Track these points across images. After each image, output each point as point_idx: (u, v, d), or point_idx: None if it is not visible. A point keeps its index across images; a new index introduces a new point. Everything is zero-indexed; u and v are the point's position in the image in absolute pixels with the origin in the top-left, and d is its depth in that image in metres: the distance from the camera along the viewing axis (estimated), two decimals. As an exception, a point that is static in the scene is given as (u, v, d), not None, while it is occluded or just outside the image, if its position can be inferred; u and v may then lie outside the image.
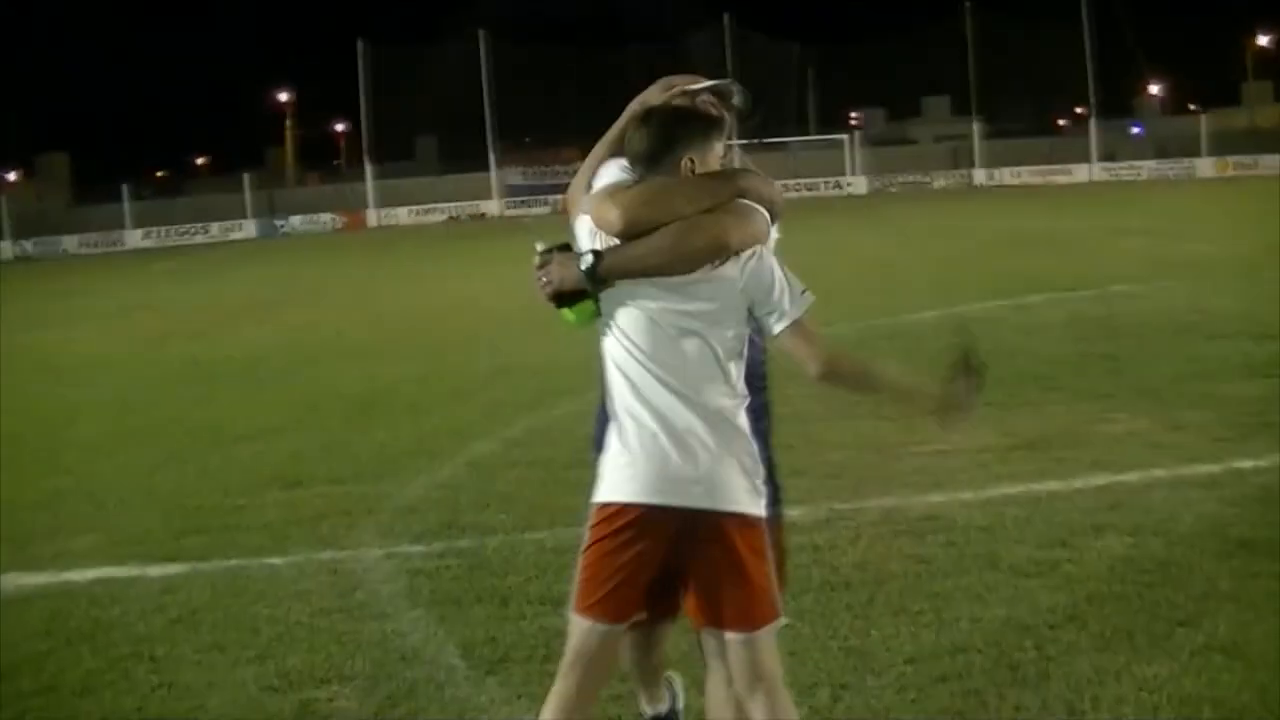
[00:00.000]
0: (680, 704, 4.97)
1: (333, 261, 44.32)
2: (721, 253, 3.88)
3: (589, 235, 4.04)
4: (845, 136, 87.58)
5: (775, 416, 4.75)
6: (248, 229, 76.92)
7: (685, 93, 4.31)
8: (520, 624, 6.48)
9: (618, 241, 3.92)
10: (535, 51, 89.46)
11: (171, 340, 21.43)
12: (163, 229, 75.42)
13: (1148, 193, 58.81)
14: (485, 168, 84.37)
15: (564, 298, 4.02)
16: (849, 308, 18.58)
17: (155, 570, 7.84)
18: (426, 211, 79.26)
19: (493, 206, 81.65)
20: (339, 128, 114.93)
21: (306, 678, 6.01)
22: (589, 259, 3.92)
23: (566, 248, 4.08)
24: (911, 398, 4.36)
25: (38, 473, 11.29)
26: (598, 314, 4.03)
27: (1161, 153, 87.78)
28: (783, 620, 4.05)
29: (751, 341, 4.06)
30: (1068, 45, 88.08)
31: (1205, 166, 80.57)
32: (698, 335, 3.91)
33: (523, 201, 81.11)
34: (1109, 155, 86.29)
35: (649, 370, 3.92)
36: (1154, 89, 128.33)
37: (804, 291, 3.98)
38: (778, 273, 3.98)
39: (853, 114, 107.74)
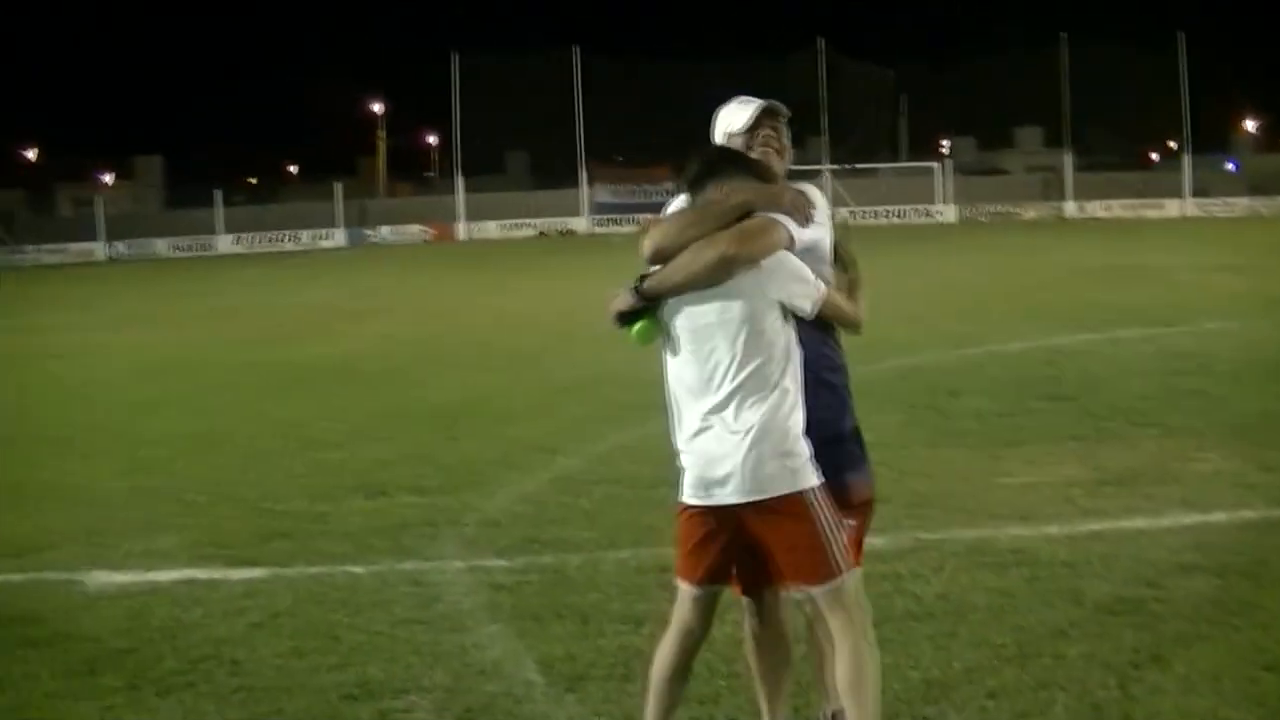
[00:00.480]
0: None
1: (421, 272, 44.61)
2: (730, 264, 4.51)
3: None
4: (936, 164, 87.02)
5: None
6: (337, 238, 77.62)
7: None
8: (600, 642, 6.47)
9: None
10: (628, 67, 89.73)
11: (259, 345, 21.66)
12: (253, 235, 76.32)
13: (1240, 229, 58.03)
14: (575, 184, 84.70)
15: (625, 317, 4.76)
16: (939, 336, 18.53)
17: (237, 574, 7.91)
18: (516, 226, 79.67)
19: (581, 223, 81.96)
20: (430, 139, 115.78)
21: (385, 688, 6.03)
22: (633, 284, 4.69)
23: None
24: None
25: (124, 469, 11.46)
26: (657, 333, 4.77)
27: (1255, 189, 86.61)
28: (848, 576, 4.62)
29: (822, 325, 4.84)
30: (1161, 77, 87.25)
31: (1301, 204, 79.41)
32: (728, 339, 4.57)
33: (611, 219, 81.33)
34: (1201, 190, 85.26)
35: (687, 378, 4.70)
36: (1249, 124, 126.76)
37: (814, 282, 4.63)
38: (794, 272, 4.60)
39: (944, 142, 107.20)
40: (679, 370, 4.74)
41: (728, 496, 4.58)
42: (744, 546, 4.68)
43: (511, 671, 6.17)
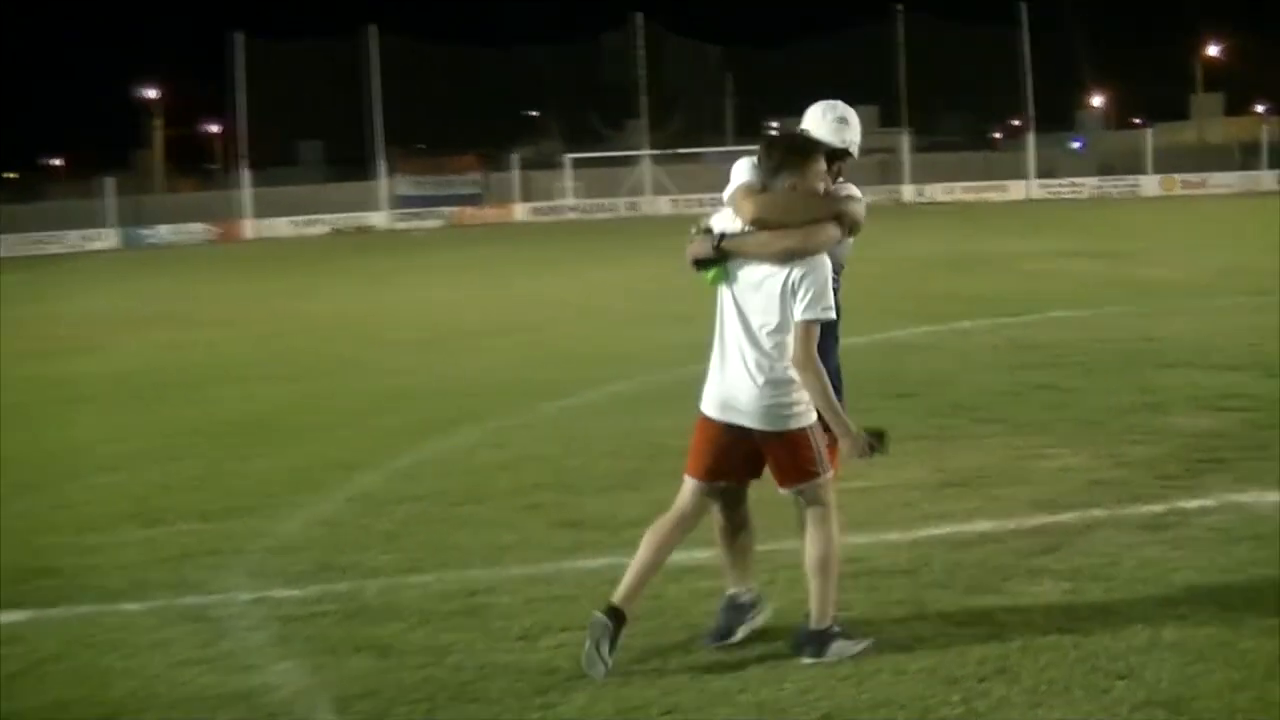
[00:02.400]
0: (758, 615, 6.82)
1: (206, 275, 43.92)
2: (795, 256, 6.14)
3: (730, 219, 6.36)
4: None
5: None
6: (109, 239, 75.94)
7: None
8: (401, 676, 6.40)
9: (742, 227, 6.26)
10: (431, 50, 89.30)
11: (25, 359, 21.10)
12: (12, 237, 73.84)
13: (1089, 212, 59.65)
14: (373, 175, 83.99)
15: (700, 264, 6.30)
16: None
17: (-4, 617, 7.67)
18: (309, 223, 78.69)
19: (381, 218, 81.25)
20: (213, 129, 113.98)
21: (163, 737, 5.89)
22: (715, 238, 6.27)
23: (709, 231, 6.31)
24: (835, 423, 6.27)
25: None
26: (724, 277, 6.32)
27: (1104, 169, 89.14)
28: (821, 478, 6.40)
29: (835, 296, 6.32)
30: (1004, 53, 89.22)
31: (1150, 184, 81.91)
32: (769, 308, 6.21)
33: (414, 214, 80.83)
34: (1047, 171, 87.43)
35: (732, 320, 6.37)
36: (1096, 101, 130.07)
37: (825, 308, 6.17)
38: (816, 284, 6.14)
39: (773, 123, 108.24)
40: (728, 311, 6.39)
41: (744, 420, 6.33)
42: (745, 455, 6.43)
43: (304, 713, 6.07)
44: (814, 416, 6.30)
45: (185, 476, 11.35)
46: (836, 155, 6.61)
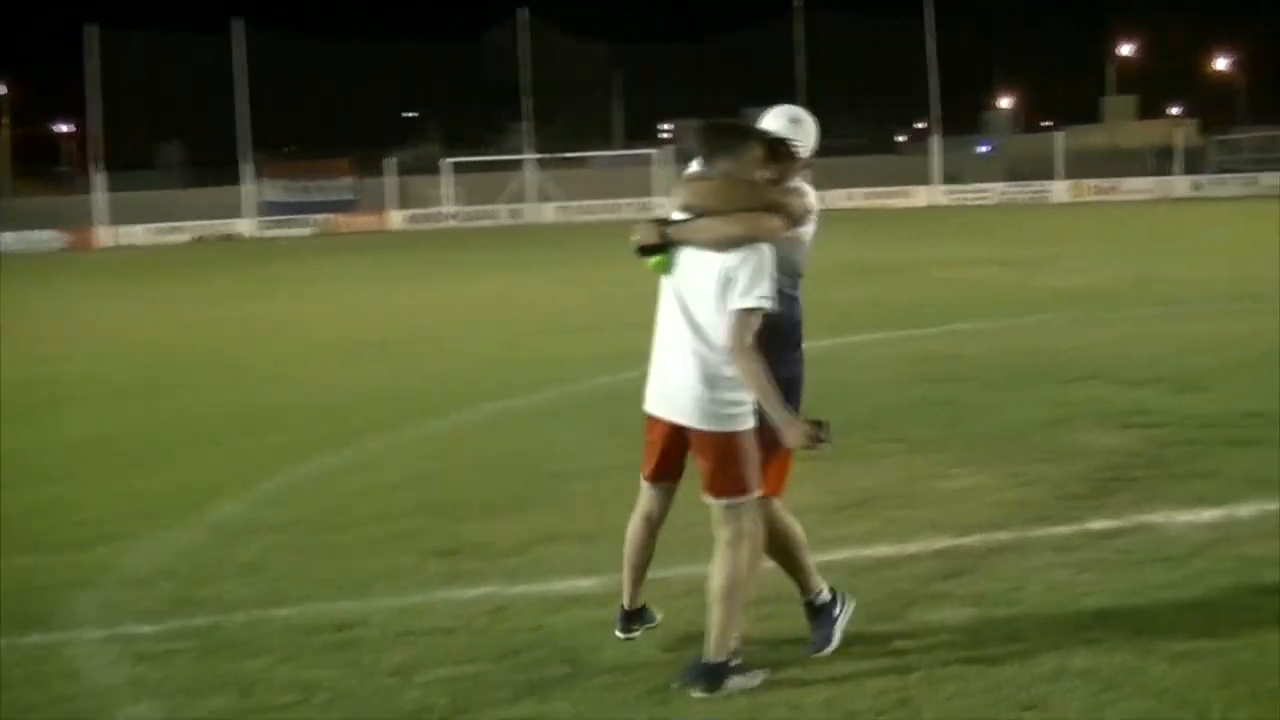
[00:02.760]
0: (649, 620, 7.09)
1: (55, 286, 43.30)
2: (737, 243, 6.24)
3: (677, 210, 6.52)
4: (655, 152, 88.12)
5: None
6: (-54, 247, 74.68)
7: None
8: (265, 716, 6.35)
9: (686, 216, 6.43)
10: (302, 46, 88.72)
11: None
12: None
13: (997, 218, 60.27)
14: (238, 180, 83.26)
15: (646, 250, 6.47)
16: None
17: None
18: (169, 230, 77.81)
19: (247, 225, 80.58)
20: (65, 129, 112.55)
21: (3, 785, 5.81)
22: (662, 224, 6.49)
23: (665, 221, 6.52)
24: (775, 413, 6.30)
25: None
26: (668, 267, 6.46)
27: (1012, 174, 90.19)
28: (746, 497, 6.43)
29: (792, 300, 6.62)
30: (909, 52, 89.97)
31: (1061, 189, 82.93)
32: (709, 296, 6.27)
33: (282, 221, 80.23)
34: (953, 176, 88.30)
35: (673, 311, 6.46)
36: (1004, 103, 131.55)
37: (761, 296, 6.17)
38: (753, 271, 6.19)
39: (665, 125, 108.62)
40: (669, 303, 6.50)
41: (682, 417, 6.44)
42: (685, 455, 6.65)
43: (158, 758, 6.01)
44: (753, 422, 6.37)
45: (27, 505, 11.15)
46: (782, 152, 6.68)
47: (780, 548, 6.97)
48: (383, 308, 28.86)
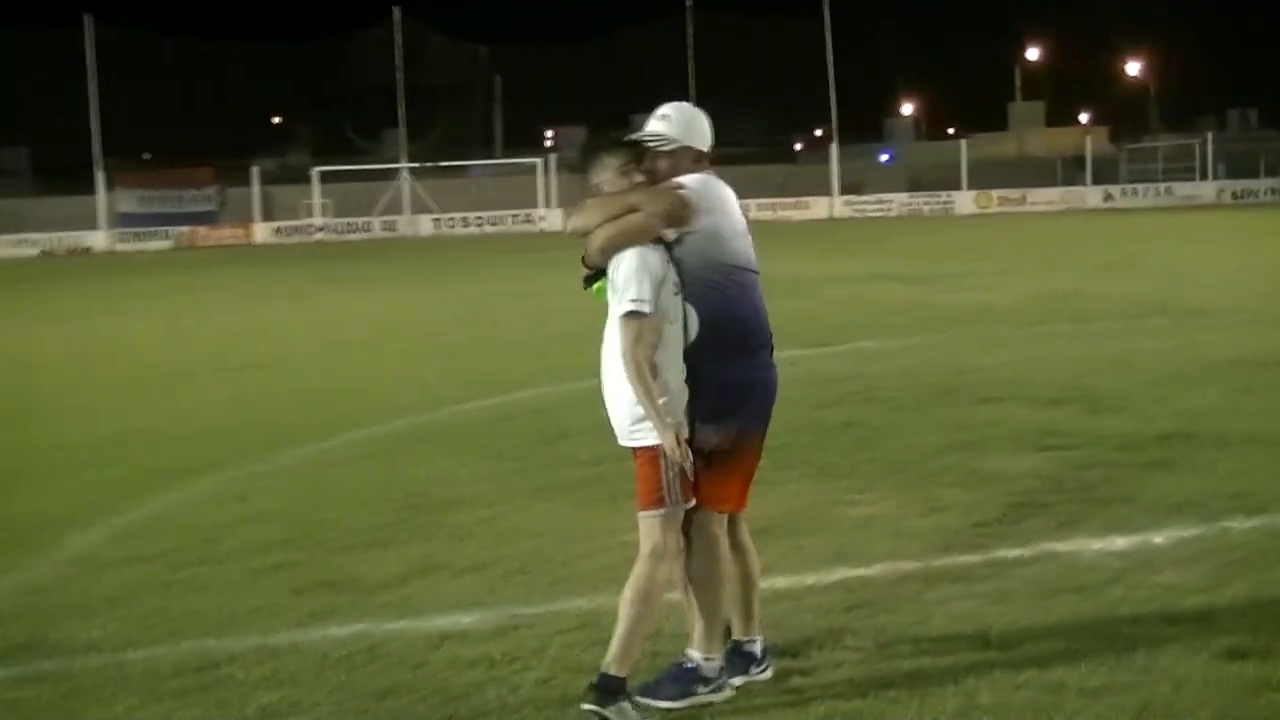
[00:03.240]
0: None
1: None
2: (609, 254, 6.64)
3: None
4: (539, 161, 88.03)
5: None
6: None
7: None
8: (121, 766, 6.28)
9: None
10: (159, 44, 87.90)
11: None
12: None
13: (899, 231, 60.77)
14: (91, 189, 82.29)
15: (587, 281, 6.86)
16: (544, 367, 18.75)
17: None
18: (15, 243, 76.75)
19: (100, 238, 79.66)
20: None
21: None
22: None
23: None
24: (651, 417, 6.48)
25: None
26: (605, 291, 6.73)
27: (915, 184, 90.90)
28: (661, 511, 6.58)
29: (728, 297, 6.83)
30: (806, 55, 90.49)
31: (965, 201, 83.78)
32: (610, 317, 6.63)
33: (138, 234, 79.41)
34: (853, 187, 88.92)
35: (606, 335, 6.73)
36: (906, 109, 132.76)
37: (631, 299, 6.46)
38: (624, 276, 6.51)
39: (548, 133, 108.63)
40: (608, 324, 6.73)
41: (617, 435, 6.75)
42: None
43: (5, 812, 5.93)
44: (648, 440, 6.55)
45: None
46: (641, 151, 6.89)
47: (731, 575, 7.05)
48: (247, 326, 28.61)
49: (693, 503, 6.67)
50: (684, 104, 7.26)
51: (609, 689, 6.42)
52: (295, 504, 11.47)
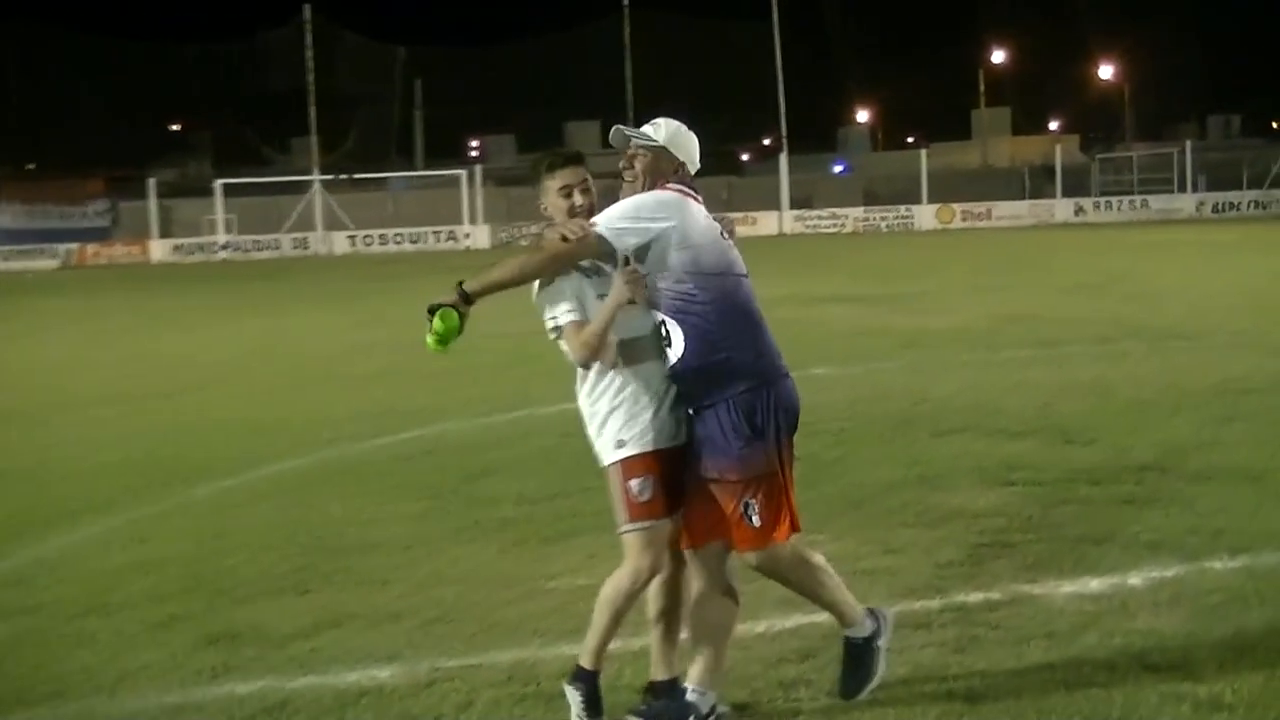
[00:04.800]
0: None
1: None
2: (538, 278, 7.11)
3: None
4: (463, 172, 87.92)
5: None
6: None
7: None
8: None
9: None
10: (46, 43, 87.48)
11: None
12: None
13: (854, 249, 60.99)
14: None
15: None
16: (465, 399, 18.71)
17: None
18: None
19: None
20: None
21: None
22: None
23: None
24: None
25: None
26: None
27: (871, 198, 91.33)
28: (620, 529, 7.08)
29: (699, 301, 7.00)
30: (754, 59, 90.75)
31: (926, 215, 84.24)
32: None
33: (22, 251, 78.90)
34: (805, 200, 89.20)
35: None
36: (862, 116, 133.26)
37: (551, 315, 7.05)
38: (547, 296, 7.06)
39: (473, 142, 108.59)
40: None
41: None
42: None
43: None
44: (614, 455, 7.07)
45: None
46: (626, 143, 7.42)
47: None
48: (141, 354, 28.46)
49: (658, 520, 7.06)
50: (660, 120, 7.57)
51: (574, 678, 7.17)
52: (196, 548, 11.41)
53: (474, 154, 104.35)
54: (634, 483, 7.02)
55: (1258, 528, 10.54)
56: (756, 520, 7.05)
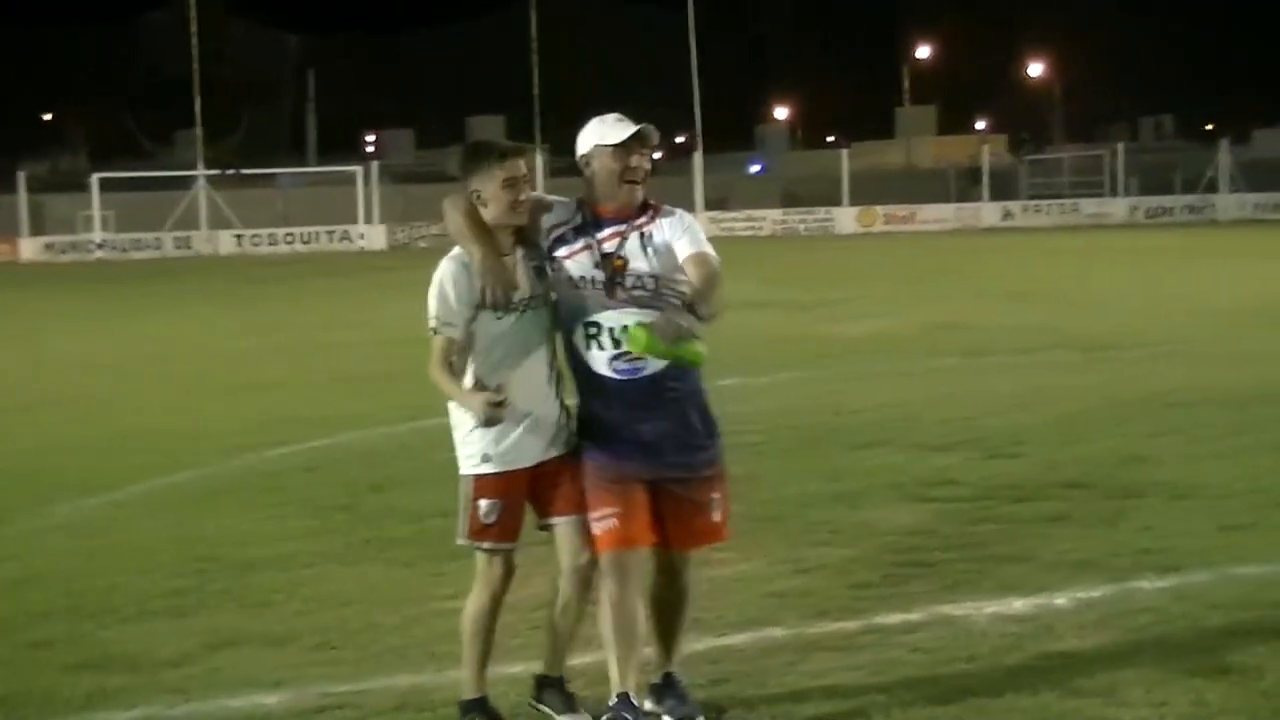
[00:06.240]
0: None
1: None
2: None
3: None
4: (359, 169, 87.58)
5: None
6: None
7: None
8: None
9: None
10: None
11: None
12: None
13: (770, 253, 61.10)
14: None
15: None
16: (358, 409, 18.67)
17: None
18: None
19: None
20: None
21: None
22: None
23: None
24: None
25: None
26: None
27: (790, 199, 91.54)
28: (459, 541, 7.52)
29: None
30: (667, 51, 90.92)
31: (847, 218, 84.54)
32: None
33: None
34: (718, 201, 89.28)
35: None
36: (780, 113, 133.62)
37: (433, 319, 7.22)
38: (435, 296, 7.25)
39: (370, 136, 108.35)
40: None
41: None
42: None
43: None
44: (474, 469, 7.40)
45: None
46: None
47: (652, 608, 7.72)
48: (13, 360, 28.22)
49: (497, 543, 7.44)
50: (612, 116, 7.70)
51: (465, 711, 7.49)
52: (71, 567, 11.31)
53: (370, 149, 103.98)
54: (484, 503, 7.36)
55: (1186, 546, 10.65)
56: (717, 515, 7.67)
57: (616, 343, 7.24)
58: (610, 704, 7.18)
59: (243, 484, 14.39)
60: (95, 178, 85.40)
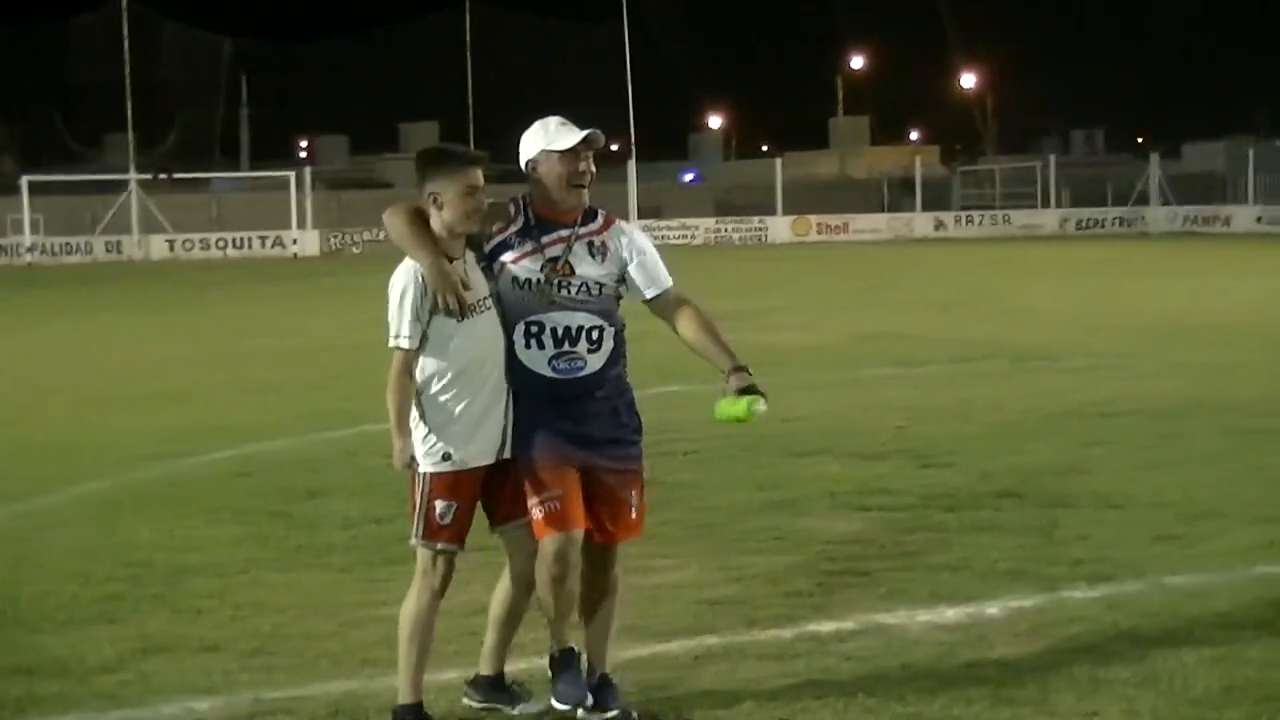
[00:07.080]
0: None
1: None
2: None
3: None
4: (292, 174, 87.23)
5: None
6: None
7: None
8: None
9: None
10: None
11: None
12: None
13: (704, 261, 61.02)
14: None
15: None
16: (292, 414, 18.60)
17: None
18: None
19: None
20: None
21: None
22: None
23: None
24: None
25: None
26: None
27: (723, 208, 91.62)
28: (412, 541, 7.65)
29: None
30: (602, 60, 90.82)
31: (780, 227, 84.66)
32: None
33: None
34: (653, 210, 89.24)
35: None
36: (714, 122, 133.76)
37: (395, 335, 7.45)
38: (396, 308, 7.49)
39: (303, 142, 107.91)
40: None
41: None
42: None
43: None
44: (434, 466, 7.47)
45: None
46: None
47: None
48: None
49: (449, 545, 7.57)
50: (554, 119, 7.92)
51: (399, 716, 7.51)
52: (-2, 573, 11.24)
53: (304, 155, 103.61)
54: (440, 504, 7.46)
55: (1118, 556, 10.71)
56: (634, 513, 7.68)
57: (559, 342, 7.46)
58: (554, 654, 7.79)
59: (168, 492, 14.23)
60: (25, 180, 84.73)
